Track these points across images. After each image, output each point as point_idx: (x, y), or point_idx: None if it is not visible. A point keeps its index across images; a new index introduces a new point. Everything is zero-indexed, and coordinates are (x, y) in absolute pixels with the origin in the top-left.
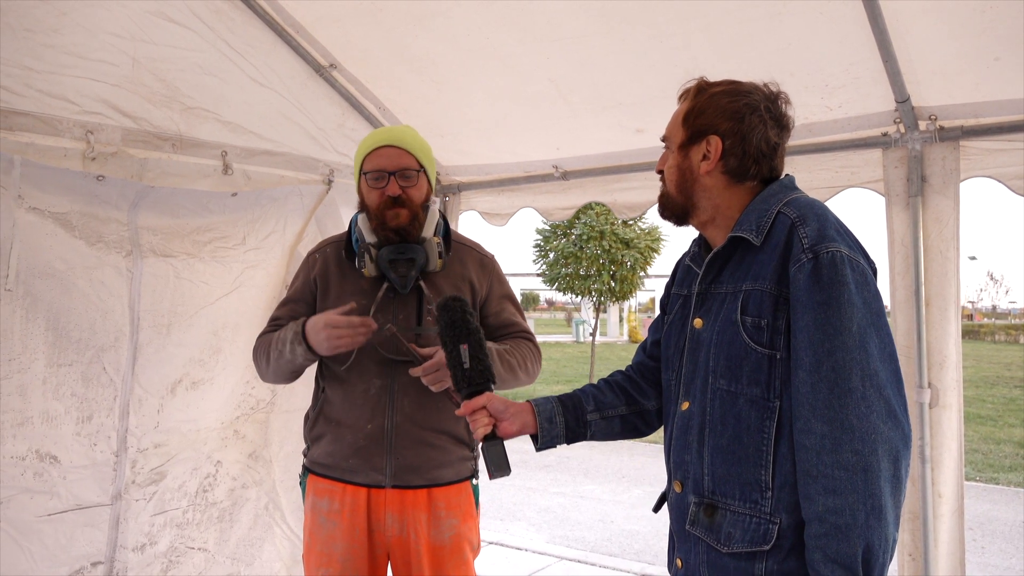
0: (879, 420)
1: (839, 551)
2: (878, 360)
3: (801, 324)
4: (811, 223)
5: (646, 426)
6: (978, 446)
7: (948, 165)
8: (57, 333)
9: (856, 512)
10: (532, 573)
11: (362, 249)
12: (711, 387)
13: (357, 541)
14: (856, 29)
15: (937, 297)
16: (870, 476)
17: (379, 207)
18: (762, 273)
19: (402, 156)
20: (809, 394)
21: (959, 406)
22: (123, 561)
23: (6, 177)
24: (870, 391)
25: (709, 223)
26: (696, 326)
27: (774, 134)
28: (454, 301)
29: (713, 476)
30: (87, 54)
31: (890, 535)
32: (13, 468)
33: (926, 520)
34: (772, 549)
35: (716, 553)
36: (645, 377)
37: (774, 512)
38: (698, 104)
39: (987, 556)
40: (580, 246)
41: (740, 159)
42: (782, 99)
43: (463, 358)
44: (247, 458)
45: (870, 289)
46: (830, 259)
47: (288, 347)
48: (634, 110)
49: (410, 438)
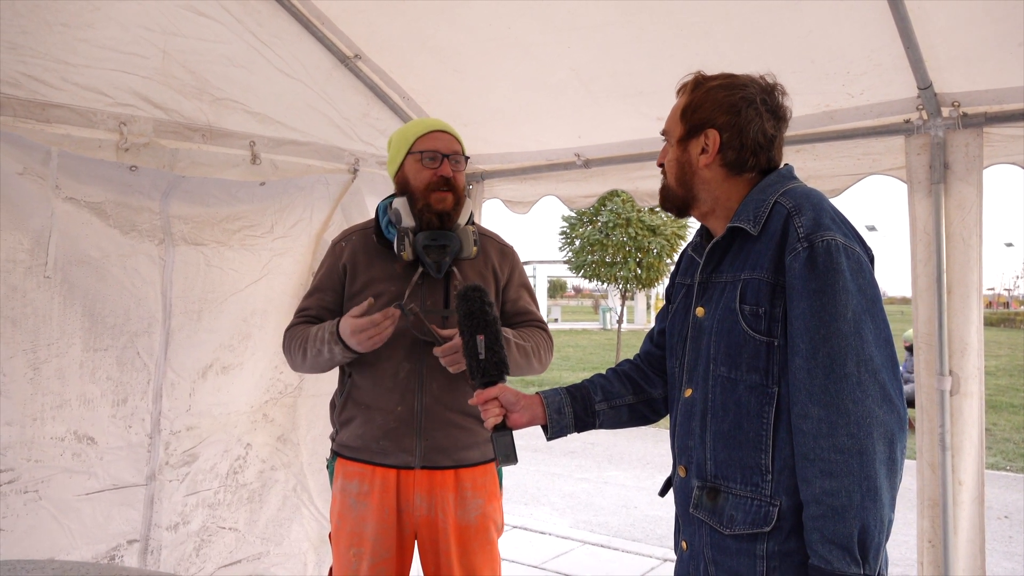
0: (874, 404)
1: (836, 531)
2: (873, 345)
3: (797, 312)
4: (806, 212)
5: (654, 414)
6: (1010, 435)
7: (971, 152)
8: (93, 319)
9: (852, 494)
10: (555, 556)
11: (401, 234)
12: (712, 374)
13: (387, 521)
14: (877, 15)
15: (959, 284)
16: (865, 459)
17: (428, 187)
18: (759, 262)
19: (453, 142)
20: (806, 380)
21: (980, 394)
22: (158, 539)
23: (44, 168)
24: (865, 376)
25: (710, 214)
26: (698, 315)
27: (771, 126)
28: (473, 291)
29: (715, 461)
30: (120, 47)
31: (885, 516)
32: (53, 448)
33: (946, 507)
34: (773, 530)
35: (719, 535)
36: (652, 366)
37: (774, 495)
38: (695, 99)
39: (1014, 546)
40: (606, 233)
41: (738, 151)
42: (778, 91)
43: (479, 349)
44: (276, 441)
45: (865, 276)
46: (825, 247)
47: (326, 348)
48: (655, 98)
49: (439, 420)
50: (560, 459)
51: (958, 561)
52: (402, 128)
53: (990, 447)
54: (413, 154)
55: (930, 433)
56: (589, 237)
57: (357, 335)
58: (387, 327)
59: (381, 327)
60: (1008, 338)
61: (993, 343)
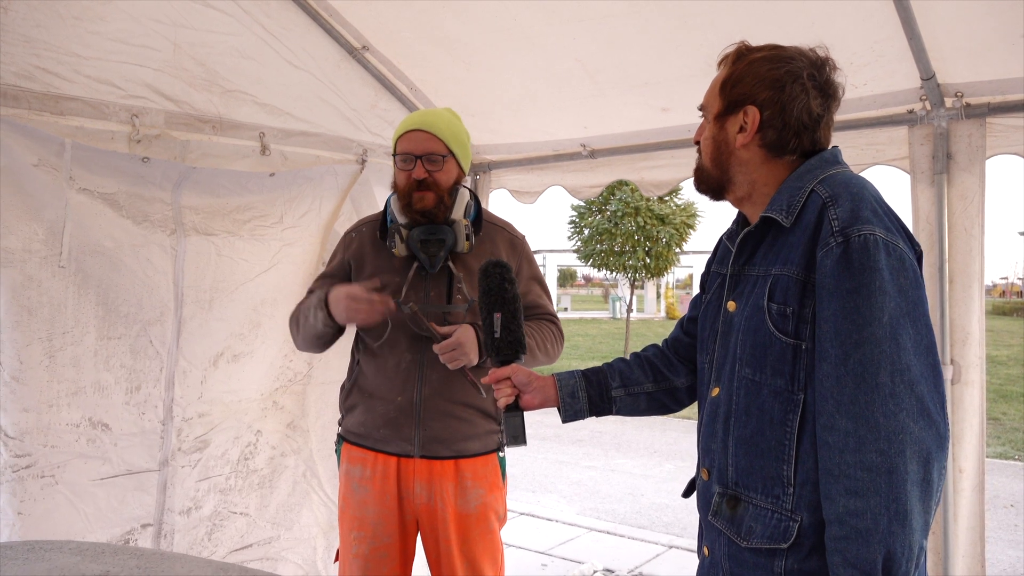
0: (908, 419)
1: (858, 556)
2: (912, 354)
3: (827, 313)
4: (843, 203)
5: (675, 403)
6: (1019, 424)
7: (974, 142)
8: (107, 308)
9: (878, 516)
10: (561, 543)
11: (392, 230)
12: (737, 375)
13: (388, 507)
14: (880, 6)
15: (961, 274)
16: (895, 478)
17: (406, 189)
18: (791, 257)
19: (430, 140)
20: (834, 388)
21: (981, 383)
22: (171, 523)
23: (58, 160)
24: (900, 387)
25: (746, 199)
26: (729, 309)
27: (817, 104)
28: (495, 267)
29: (736, 467)
30: (131, 40)
31: (915, 542)
32: (68, 434)
33: (946, 495)
34: (792, 547)
35: (736, 547)
36: (678, 353)
37: (795, 509)
38: (736, 71)
39: (1020, 534)
40: (615, 222)
41: (779, 131)
42: (829, 65)
43: (495, 327)
44: (286, 428)
45: (907, 276)
46: (862, 243)
47: (312, 312)
48: (660, 89)
49: (438, 411)
50: (568, 447)
51: (958, 548)
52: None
53: (999, 436)
54: (394, 156)
55: None
56: (598, 226)
57: (347, 301)
58: (378, 311)
59: (373, 307)
60: (1020, 327)
61: (1005, 332)
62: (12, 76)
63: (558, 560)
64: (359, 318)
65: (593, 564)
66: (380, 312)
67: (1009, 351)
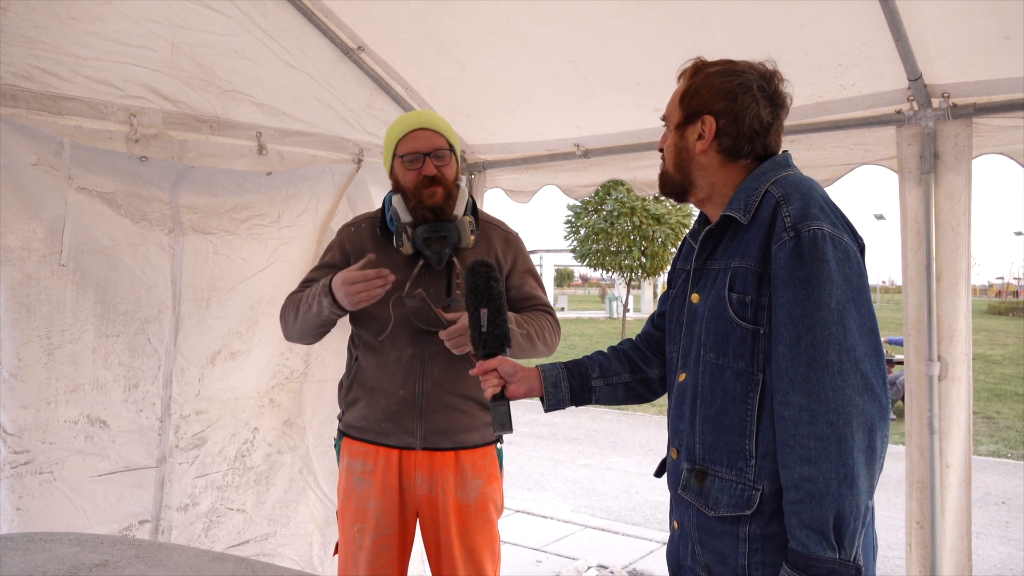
0: (855, 393)
1: (813, 517)
2: (856, 335)
3: (782, 300)
4: (795, 202)
5: (650, 392)
6: (1012, 423)
7: (961, 142)
8: (105, 306)
9: (829, 480)
10: (556, 540)
11: (399, 229)
12: (702, 360)
13: (389, 499)
14: (867, 9)
15: (948, 272)
16: (843, 446)
17: (416, 187)
18: (748, 251)
19: (434, 137)
20: (788, 368)
21: (968, 379)
22: (168, 520)
23: (57, 159)
24: (847, 365)
25: (707, 200)
26: (693, 301)
27: (767, 113)
28: (481, 266)
29: (703, 444)
30: (129, 41)
31: (862, 503)
32: (67, 431)
33: (934, 490)
34: (755, 514)
35: (705, 517)
36: (650, 346)
37: (757, 479)
38: (694, 84)
39: (1010, 531)
40: (611, 222)
41: (734, 138)
42: (776, 78)
43: (482, 321)
44: (282, 425)
45: (852, 266)
46: (811, 237)
47: (316, 301)
48: (652, 89)
49: (439, 403)
50: (563, 445)
51: (945, 542)
52: (388, 128)
53: (992, 435)
54: (397, 157)
55: (919, 417)
56: (594, 226)
57: (346, 287)
58: (378, 285)
59: (371, 284)
60: (1016, 327)
61: (1001, 332)
62: (11, 76)
63: (553, 557)
64: (361, 298)
65: (587, 560)
66: (380, 286)
67: (1004, 350)
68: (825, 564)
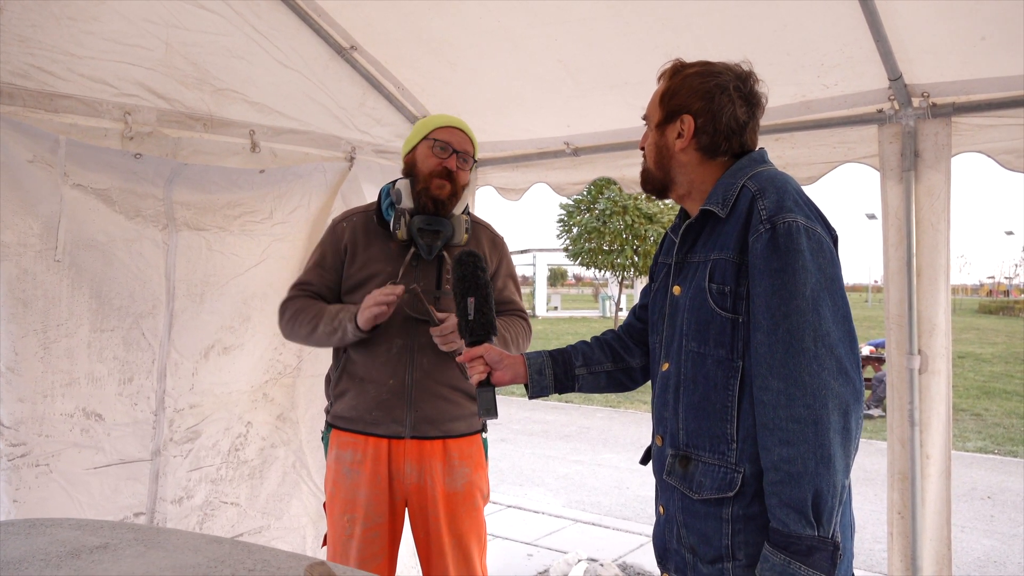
0: (830, 377)
1: (791, 496)
2: (831, 322)
3: (759, 290)
4: (770, 196)
5: (631, 381)
6: (1000, 420)
7: (940, 140)
8: (100, 301)
9: (807, 461)
10: (547, 534)
11: (398, 213)
12: (684, 349)
13: (379, 488)
14: (848, 11)
15: (928, 268)
16: (820, 428)
17: (431, 173)
18: (727, 243)
19: (467, 143)
20: (767, 354)
21: (947, 372)
22: (163, 512)
23: (52, 156)
24: (822, 350)
25: (686, 196)
26: (675, 293)
27: (743, 112)
28: (468, 256)
29: (687, 430)
30: (124, 40)
31: (838, 482)
32: (63, 424)
33: (914, 480)
34: (737, 495)
35: (689, 500)
36: (632, 337)
37: (738, 462)
38: (673, 85)
39: (995, 524)
40: (603, 221)
41: (711, 136)
42: (752, 78)
43: (469, 310)
44: (275, 419)
45: (825, 256)
46: (786, 229)
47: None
48: (639, 89)
49: (428, 393)
50: (555, 442)
51: (925, 531)
52: (428, 118)
53: (980, 431)
54: (428, 140)
55: (900, 410)
56: (587, 225)
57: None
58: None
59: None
60: (1006, 326)
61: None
62: (8, 74)
63: (544, 550)
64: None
65: (578, 553)
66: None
67: (994, 349)
68: (804, 541)
